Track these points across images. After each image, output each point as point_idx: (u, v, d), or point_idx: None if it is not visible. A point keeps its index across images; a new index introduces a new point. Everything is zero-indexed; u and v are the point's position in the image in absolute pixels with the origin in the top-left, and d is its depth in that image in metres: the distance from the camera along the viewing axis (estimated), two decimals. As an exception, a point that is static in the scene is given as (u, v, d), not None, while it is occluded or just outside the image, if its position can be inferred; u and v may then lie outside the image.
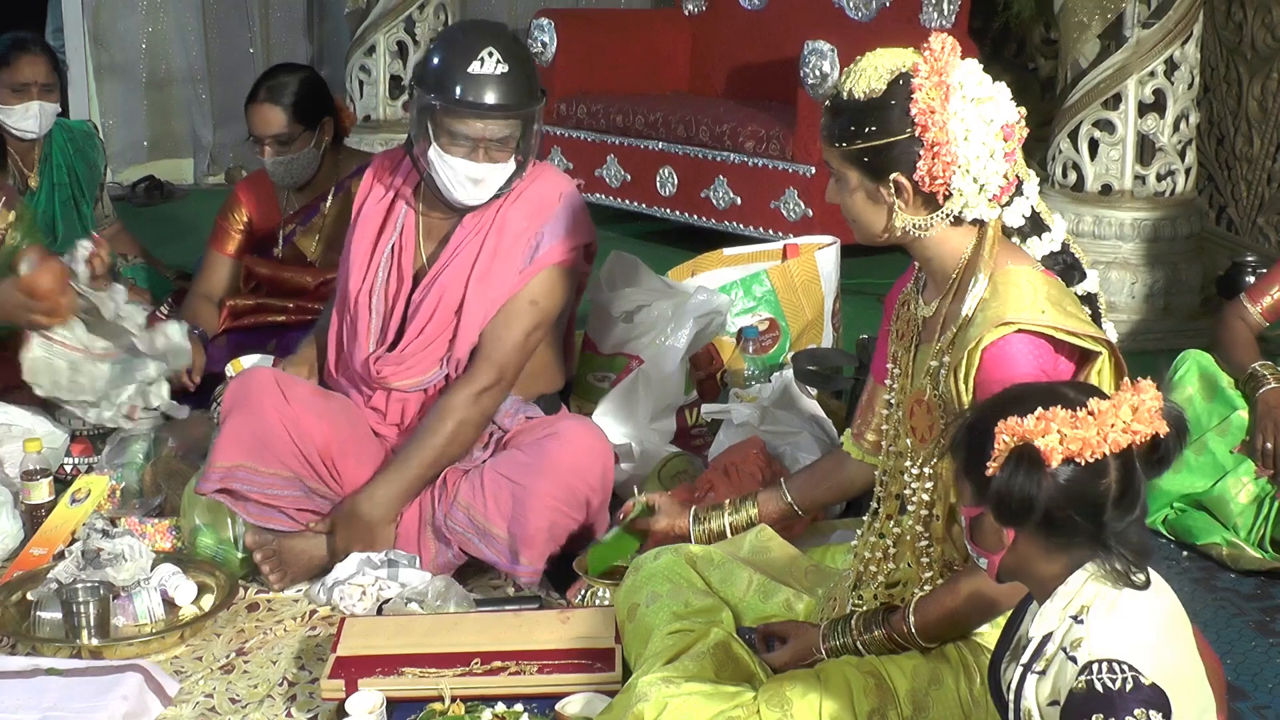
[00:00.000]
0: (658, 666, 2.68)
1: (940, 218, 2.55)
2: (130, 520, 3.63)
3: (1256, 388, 3.71)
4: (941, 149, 2.47)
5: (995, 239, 2.57)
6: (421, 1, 7.48)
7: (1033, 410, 2.05)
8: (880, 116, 2.51)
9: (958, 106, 2.48)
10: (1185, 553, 3.71)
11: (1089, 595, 2.07)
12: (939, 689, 2.60)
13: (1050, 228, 2.66)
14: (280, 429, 3.49)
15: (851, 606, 2.72)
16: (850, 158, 2.56)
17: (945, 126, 2.47)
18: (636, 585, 2.94)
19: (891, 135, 2.50)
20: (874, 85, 2.51)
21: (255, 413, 3.49)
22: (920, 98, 2.47)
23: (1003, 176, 2.52)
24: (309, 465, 3.52)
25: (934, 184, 2.49)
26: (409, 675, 2.93)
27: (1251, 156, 6.20)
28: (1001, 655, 2.26)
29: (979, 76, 2.53)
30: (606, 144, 6.74)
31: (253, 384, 3.56)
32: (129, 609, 3.26)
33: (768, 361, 4.40)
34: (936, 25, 6.16)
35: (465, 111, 3.46)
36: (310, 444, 3.52)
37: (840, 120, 2.56)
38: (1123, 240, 5.38)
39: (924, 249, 2.62)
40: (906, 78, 2.50)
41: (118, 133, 8.08)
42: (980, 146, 2.49)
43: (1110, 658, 1.99)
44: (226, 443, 3.47)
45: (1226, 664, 3.12)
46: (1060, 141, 5.50)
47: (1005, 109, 2.52)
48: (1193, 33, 5.34)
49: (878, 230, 2.61)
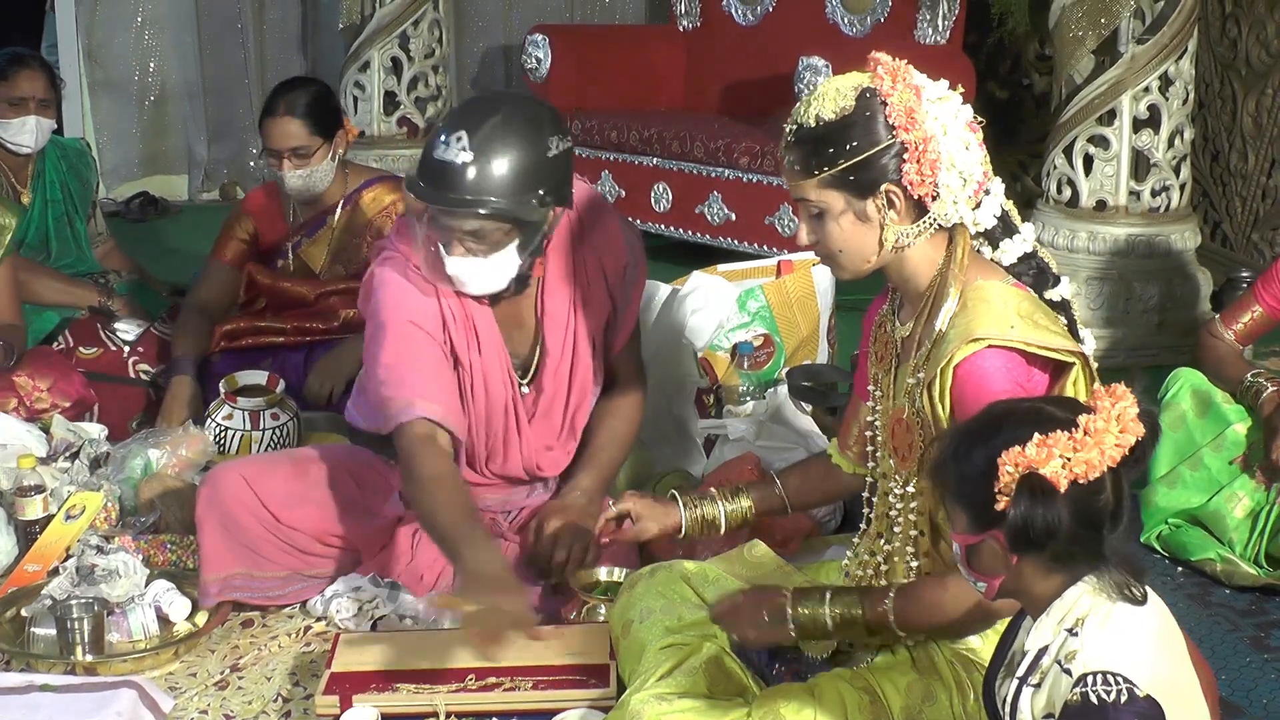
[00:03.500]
0: (651, 682, 2.68)
1: (928, 223, 2.55)
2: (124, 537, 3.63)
3: (1259, 394, 3.71)
4: (926, 146, 2.49)
5: (965, 253, 2.57)
6: (416, 18, 7.48)
7: (1021, 434, 2.05)
8: (859, 130, 2.51)
9: (929, 105, 2.51)
10: (1180, 568, 3.71)
11: (1084, 608, 2.08)
12: (933, 705, 2.60)
13: (1019, 229, 2.66)
14: (263, 533, 3.36)
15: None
16: (834, 181, 2.54)
17: (924, 125, 2.49)
18: (631, 601, 2.94)
19: (876, 145, 2.51)
20: (843, 104, 2.52)
21: (229, 523, 3.36)
22: (894, 102, 2.49)
23: (979, 166, 2.54)
24: (309, 554, 3.42)
25: (924, 184, 2.50)
26: (404, 691, 2.93)
27: (1246, 172, 6.21)
28: (996, 671, 2.27)
29: (931, 80, 2.56)
30: (601, 160, 6.75)
31: (223, 490, 3.37)
32: (123, 625, 3.26)
33: (763, 377, 4.39)
34: (931, 41, 6.17)
35: (413, 193, 3.16)
36: (300, 537, 3.40)
37: (814, 148, 2.54)
38: (1117, 256, 5.38)
39: (901, 268, 2.62)
40: (871, 90, 2.52)
41: (112, 148, 8.07)
42: (957, 140, 2.52)
43: (1105, 670, 2.00)
44: (212, 555, 3.36)
45: (1221, 679, 3.13)
46: (1055, 157, 5.50)
47: (963, 107, 2.56)
48: (1187, 48, 5.35)
49: (870, 253, 2.59)
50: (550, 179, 3.15)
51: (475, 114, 3.15)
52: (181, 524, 3.70)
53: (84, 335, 4.60)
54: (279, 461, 3.52)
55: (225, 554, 3.36)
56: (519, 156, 3.10)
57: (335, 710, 2.89)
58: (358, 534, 3.44)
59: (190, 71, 8.21)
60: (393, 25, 7.46)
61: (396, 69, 7.52)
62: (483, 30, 8.41)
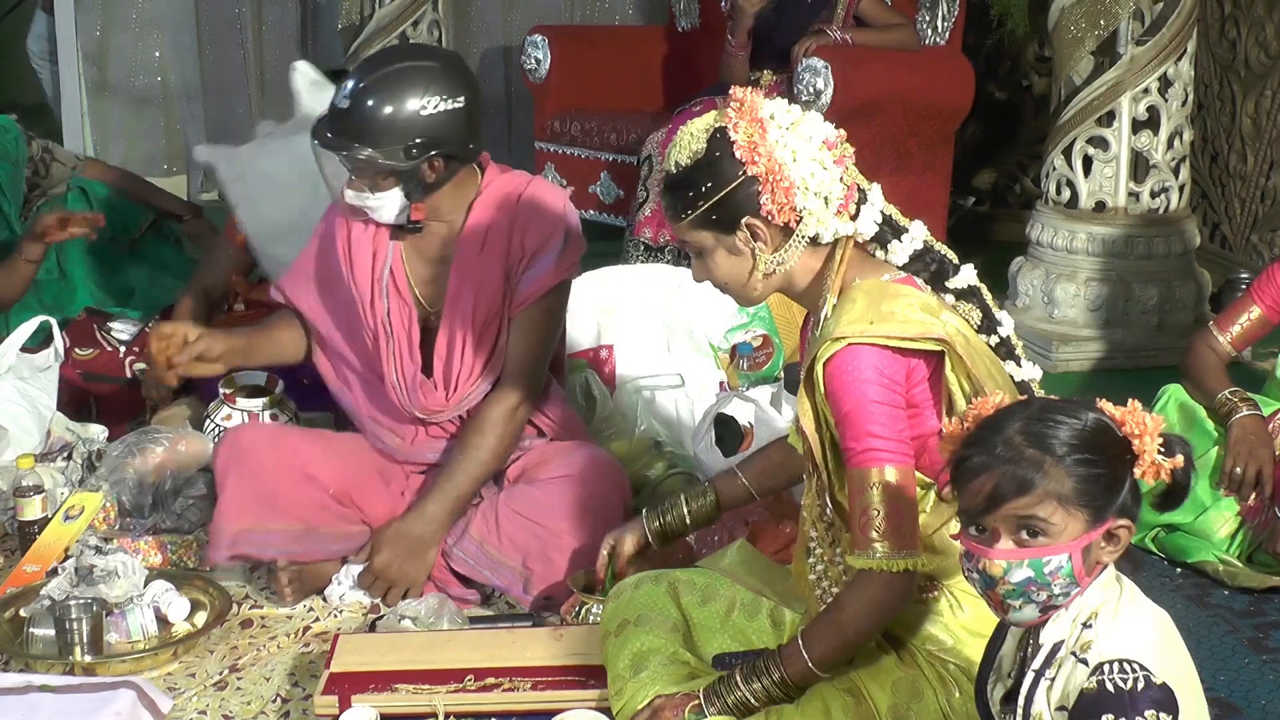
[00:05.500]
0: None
1: (796, 244, 2.62)
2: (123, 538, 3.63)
3: (1230, 414, 3.71)
4: (775, 176, 2.55)
5: (845, 258, 2.65)
6: (415, 18, 7.46)
7: (1093, 414, 2.11)
8: (710, 171, 2.59)
9: (776, 135, 2.57)
10: (1178, 569, 3.71)
11: (1096, 602, 2.11)
12: (920, 703, 2.61)
13: (908, 228, 2.69)
14: (283, 484, 3.46)
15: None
16: (700, 222, 2.63)
17: (772, 155, 2.55)
18: (615, 612, 2.94)
19: (727, 183, 2.58)
20: (695, 148, 2.61)
21: (253, 472, 3.46)
22: (740, 138, 2.56)
23: (840, 183, 2.59)
24: (327, 511, 3.51)
25: (782, 212, 2.57)
26: (403, 692, 2.93)
27: (1245, 174, 6.21)
28: (987, 674, 2.29)
29: (786, 106, 2.62)
30: (600, 160, 6.73)
31: (244, 442, 3.54)
32: (122, 625, 3.26)
33: (762, 377, 4.40)
34: (930, 42, 6.17)
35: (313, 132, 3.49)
36: (322, 489, 3.52)
37: (678, 193, 2.64)
38: (1116, 257, 5.38)
39: (790, 285, 2.70)
40: (722, 130, 2.59)
41: (112, 150, 8.05)
42: (810, 163, 2.57)
43: (1121, 658, 2.02)
44: (229, 507, 3.44)
45: (1220, 680, 3.15)
46: (1054, 158, 5.51)
47: (820, 126, 2.61)
48: (1187, 50, 5.35)
49: (745, 280, 2.68)
50: (425, 134, 3.38)
51: (369, 66, 3.48)
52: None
53: (80, 336, 4.61)
54: (297, 428, 3.72)
55: (240, 509, 3.43)
56: (390, 110, 3.37)
57: (334, 711, 2.89)
58: (370, 498, 3.58)
59: (189, 72, 8.21)
60: (392, 26, 7.44)
61: (395, 69, 7.51)
62: (482, 31, 8.41)
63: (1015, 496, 2.07)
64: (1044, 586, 2.08)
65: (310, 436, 3.68)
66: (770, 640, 2.86)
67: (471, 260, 3.54)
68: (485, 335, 3.56)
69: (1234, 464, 3.64)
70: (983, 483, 2.09)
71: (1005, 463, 2.08)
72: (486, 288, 3.54)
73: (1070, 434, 2.08)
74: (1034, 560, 2.07)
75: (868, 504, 2.50)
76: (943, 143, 6.16)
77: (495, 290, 3.54)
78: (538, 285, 3.54)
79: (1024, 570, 2.08)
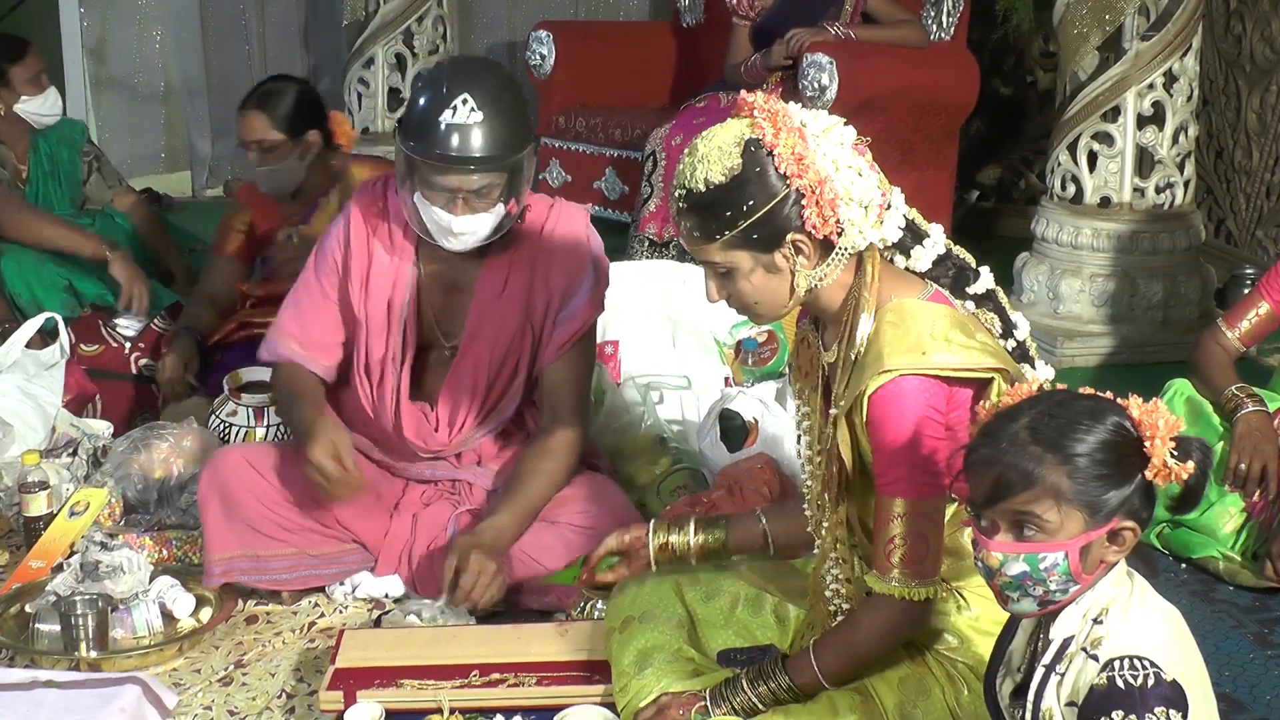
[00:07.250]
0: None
1: (839, 258, 2.51)
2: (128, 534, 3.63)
3: (1235, 410, 3.70)
4: (822, 188, 2.43)
5: (876, 271, 2.54)
6: (420, 14, 7.47)
7: (1113, 411, 2.11)
8: (753, 187, 2.45)
9: (815, 144, 2.45)
10: (1183, 565, 3.71)
11: (1106, 599, 2.10)
12: (927, 700, 2.60)
13: (929, 233, 2.62)
14: (263, 511, 3.40)
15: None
16: (738, 242, 2.48)
17: (815, 166, 2.44)
18: (619, 608, 2.94)
19: (772, 198, 2.45)
20: (729, 164, 2.45)
21: (234, 501, 3.40)
22: (781, 150, 2.43)
23: (876, 191, 2.49)
24: (314, 533, 3.45)
25: (827, 225, 2.45)
26: (408, 687, 2.93)
27: (1250, 169, 6.20)
28: (996, 669, 2.28)
29: (814, 113, 2.50)
30: (605, 156, 6.74)
31: (224, 469, 3.44)
32: (127, 621, 3.26)
33: (767, 373, 4.40)
34: (935, 38, 6.16)
35: (436, 163, 3.30)
36: (300, 517, 3.44)
37: (711, 212, 2.47)
38: (1121, 252, 5.38)
39: (816, 300, 2.58)
40: (755, 141, 2.45)
41: (116, 145, 8.05)
42: (849, 171, 2.46)
43: (1132, 654, 2.02)
44: (215, 535, 3.40)
45: (1224, 675, 3.15)
46: (1059, 154, 5.50)
47: (843, 128, 2.50)
48: (1192, 45, 5.34)
49: (784, 301, 2.55)
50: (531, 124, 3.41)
51: (465, 78, 3.34)
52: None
53: (85, 332, 4.61)
54: (282, 447, 3.56)
55: (227, 534, 3.39)
56: (515, 106, 3.37)
57: (339, 706, 2.89)
58: (356, 519, 3.48)
59: (193, 68, 8.21)
60: (397, 21, 7.45)
61: (400, 65, 7.52)
62: (487, 26, 8.40)
63: (1013, 492, 2.07)
64: (1039, 582, 2.08)
65: (288, 458, 3.47)
66: (775, 635, 2.86)
67: (491, 302, 3.50)
68: (500, 376, 3.53)
69: (1239, 460, 3.63)
70: (985, 475, 2.09)
71: (1007, 457, 2.08)
72: (505, 330, 3.51)
73: (1077, 431, 2.07)
74: (1029, 555, 2.07)
75: (893, 533, 2.46)
76: (947, 138, 6.16)
77: (513, 333, 3.51)
78: (572, 328, 3.51)
79: (1019, 564, 2.08)
